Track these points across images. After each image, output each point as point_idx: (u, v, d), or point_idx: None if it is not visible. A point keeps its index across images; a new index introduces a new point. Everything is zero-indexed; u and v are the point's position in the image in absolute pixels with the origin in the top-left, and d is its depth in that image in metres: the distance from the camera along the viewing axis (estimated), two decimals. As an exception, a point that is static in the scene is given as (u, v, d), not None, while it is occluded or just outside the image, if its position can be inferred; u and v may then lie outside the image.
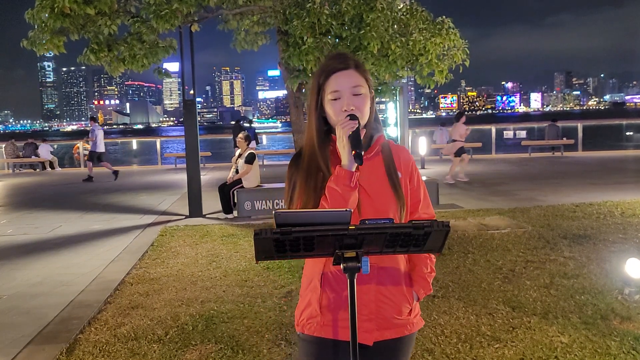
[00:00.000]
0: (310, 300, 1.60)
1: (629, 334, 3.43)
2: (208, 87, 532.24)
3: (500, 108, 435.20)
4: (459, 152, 11.50)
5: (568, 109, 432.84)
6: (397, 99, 15.33)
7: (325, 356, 1.58)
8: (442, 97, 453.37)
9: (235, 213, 8.27)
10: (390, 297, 1.57)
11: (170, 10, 5.83)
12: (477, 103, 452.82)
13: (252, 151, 8.36)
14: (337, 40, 6.32)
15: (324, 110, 1.59)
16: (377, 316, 1.55)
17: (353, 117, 1.52)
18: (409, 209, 1.63)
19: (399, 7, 6.63)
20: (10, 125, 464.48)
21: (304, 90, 7.17)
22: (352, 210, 1.27)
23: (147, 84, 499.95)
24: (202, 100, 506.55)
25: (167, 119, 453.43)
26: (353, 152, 1.45)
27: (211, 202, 8.96)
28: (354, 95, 1.56)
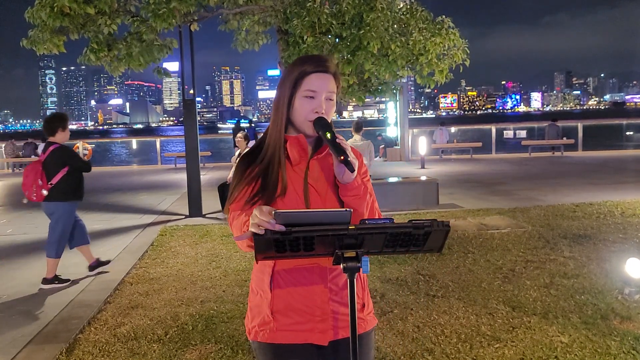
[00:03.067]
0: (260, 306, 1.57)
1: (629, 334, 3.43)
2: (208, 87, 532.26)
3: (501, 108, 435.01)
4: None
5: (568, 108, 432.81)
6: (398, 98, 15.28)
7: None
8: (442, 97, 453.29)
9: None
10: (342, 295, 1.56)
11: (168, 9, 5.83)
12: (477, 103, 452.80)
13: (252, 151, 8.35)
14: (337, 39, 6.31)
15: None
16: (330, 316, 1.54)
17: (323, 120, 1.51)
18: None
19: (399, 7, 6.63)
20: (10, 125, 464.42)
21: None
22: (352, 210, 1.26)
23: (147, 84, 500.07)
24: (202, 100, 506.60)
25: (167, 118, 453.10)
26: (341, 157, 1.43)
27: (211, 201, 8.96)
28: (327, 99, 1.56)
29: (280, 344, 1.54)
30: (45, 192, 4.85)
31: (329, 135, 1.46)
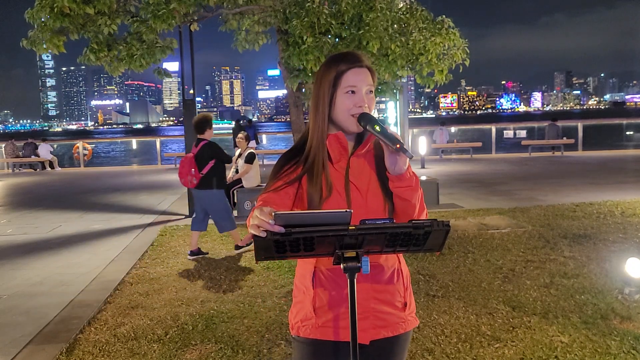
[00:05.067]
0: (303, 302, 1.59)
1: (629, 334, 3.43)
2: (208, 87, 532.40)
3: (501, 108, 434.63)
4: None
5: (568, 108, 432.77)
6: (398, 98, 15.24)
7: (322, 358, 1.57)
8: (442, 97, 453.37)
9: (235, 213, 8.26)
10: (384, 293, 1.57)
11: (167, 10, 5.83)
12: (477, 103, 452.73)
13: (252, 151, 8.35)
14: (336, 39, 6.31)
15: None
16: (372, 314, 1.54)
17: (368, 114, 1.51)
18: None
19: (398, 7, 6.63)
20: (10, 125, 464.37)
21: (303, 89, 7.16)
22: (352, 210, 1.26)
23: (146, 84, 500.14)
24: (202, 100, 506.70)
25: (167, 118, 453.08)
26: (397, 145, 1.40)
27: (211, 201, 8.95)
28: (367, 93, 1.56)
29: (320, 340, 1.55)
30: (195, 181, 5.72)
31: (377, 127, 1.45)
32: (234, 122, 17.99)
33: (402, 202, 1.52)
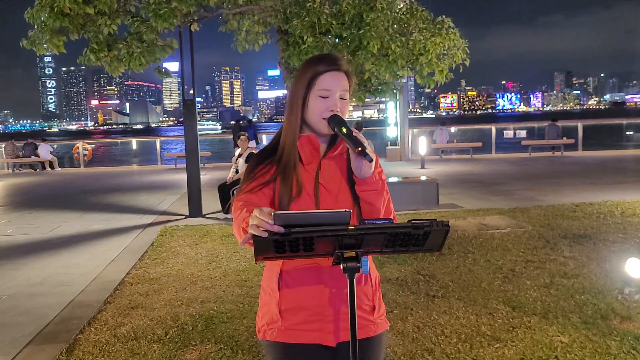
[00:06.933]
0: (269, 304, 1.56)
1: (629, 334, 3.43)
2: (208, 87, 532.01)
3: (501, 108, 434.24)
4: None
5: (568, 108, 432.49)
6: (398, 98, 15.22)
7: None
8: (442, 97, 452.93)
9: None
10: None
11: (169, 9, 5.84)
12: (477, 103, 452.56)
13: (252, 151, 8.36)
14: (337, 39, 6.32)
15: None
16: (340, 317, 1.52)
17: (337, 116, 1.51)
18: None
19: (399, 7, 6.64)
20: (10, 125, 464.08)
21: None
22: (351, 210, 1.26)
23: (146, 84, 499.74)
24: (201, 100, 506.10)
25: (167, 118, 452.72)
26: (358, 148, 1.42)
27: (211, 202, 8.96)
28: (341, 98, 1.56)
29: (287, 344, 1.53)
30: None
31: (344, 129, 1.46)
32: (218, 124, 17.92)
33: (367, 206, 1.52)
